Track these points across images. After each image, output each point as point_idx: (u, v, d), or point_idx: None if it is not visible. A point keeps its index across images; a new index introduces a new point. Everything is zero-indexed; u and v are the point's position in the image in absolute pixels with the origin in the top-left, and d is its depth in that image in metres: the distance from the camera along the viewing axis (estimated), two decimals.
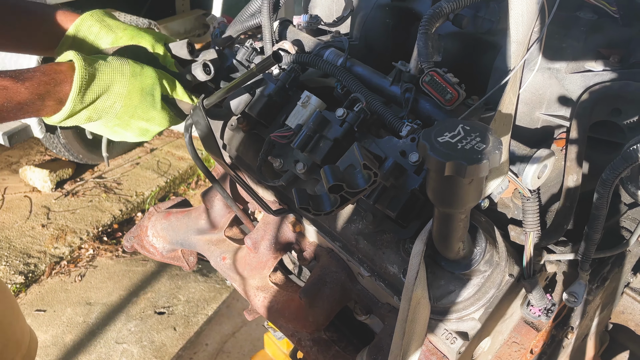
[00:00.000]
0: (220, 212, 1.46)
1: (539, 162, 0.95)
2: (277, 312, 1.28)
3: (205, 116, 1.14)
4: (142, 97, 1.07)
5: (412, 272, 0.86)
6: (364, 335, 1.34)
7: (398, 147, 0.97)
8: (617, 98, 0.97)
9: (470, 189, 0.68)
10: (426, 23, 0.98)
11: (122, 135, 1.12)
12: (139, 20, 4.50)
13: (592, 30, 1.03)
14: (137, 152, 4.59)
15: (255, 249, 1.31)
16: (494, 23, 1.10)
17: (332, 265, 1.19)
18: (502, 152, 0.66)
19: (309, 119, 1.05)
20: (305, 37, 1.27)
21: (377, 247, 1.04)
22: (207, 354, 2.83)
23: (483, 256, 0.92)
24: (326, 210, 0.86)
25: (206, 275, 3.37)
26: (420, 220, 0.97)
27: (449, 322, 0.99)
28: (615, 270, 1.27)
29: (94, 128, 1.09)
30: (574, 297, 1.08)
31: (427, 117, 1.04)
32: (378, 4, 1.31)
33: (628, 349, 1.61)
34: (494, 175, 0.92)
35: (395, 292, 1.04)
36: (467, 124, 0.68)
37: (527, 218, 1.01)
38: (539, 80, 1.04)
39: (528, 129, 1.08)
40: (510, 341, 1.16)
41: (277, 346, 1.95)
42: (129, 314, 3.08)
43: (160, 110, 1.12)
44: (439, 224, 0.80)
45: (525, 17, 0.96)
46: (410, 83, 1.05)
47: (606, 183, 0.91)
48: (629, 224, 1.22)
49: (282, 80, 1.14)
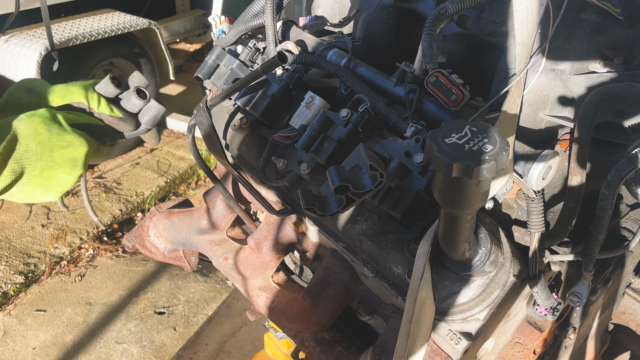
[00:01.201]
0: (222, 212, 1.46)
1: (543, 163, 0.95)
2: (279, 312, 1.28)
3: (209, 117, 1.14)
4: (49, 128, 1.03)
5: (418, 272, 0.86)
6: (367, 336, 1.34)
7: (403, 147, 0.97)
8: (620, 99, 0.97)
9: (477, 190, 0.68)
10: (431, 24, 0.98)
11: (55, 182, 1.05)
12: (139, 20, 4.49)
13: (596, 32, 1.03)
14: (137, 152, 4.58)
15: (257, 249, 1.31)
16: (498, 24, 1.10)
17: (336, 265, 1.19)
18: (509, 153, 0.66)
19: (313, 120, 1.05)
20: (308, 37, 1.27)
21: (382, 247, 1.04)
22: (207, 354, 2.83)
23: (488, 257, 0.92)
24: (332, 210, 0.86)
25: (206, 275, 3.37)
26: (425, 221, 0.97)
27: (453, 323, 0.99)
28: (617, 271, 1.28)
29: (22, 191, 1.02)
30: (577, 297, 1.08)
31: (432, 118, 1.05)
32: (381, 5, 1.31)
33: (629, 350, 1.62)
34: (499, 175, 0.92)
35: (400, 292, 1.04)
36: (473, 125, 0.68)
37: (531, 219, 1.01)
38: (543, 81, 1.04)
39: (532, 130, 1.08)
40: (513, 341, 1.16)
41: (277, 346, 1.95)
42: (129, 314, 3.08)
43: (73, 132, 1.07)
44: (445, 225, 0.80)
45: (529, 19, 0.96)
46: (415, 84, 1.05)
47: (611, 184, 0.91)
48: (631, 225, 1.23)
49: (285, 81, 1.14)
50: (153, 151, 4.62)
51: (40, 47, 3.38)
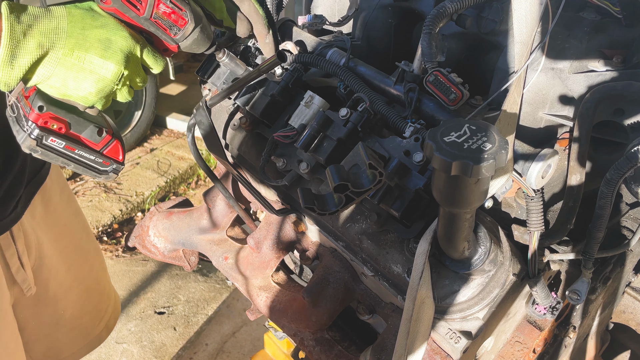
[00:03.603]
0: (222, 211, 1.46)
1: (543, 162, 0.95)
2: (279, 311, 1.28)
3: (209, 116, 1.14)
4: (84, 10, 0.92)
5: (417, 271, 0.87)
6: (367, 335, 1.34)
7: (402, 146, 0.97)
8: (620, 98, 0.97)
9: (476, 189, 0.68)
10: (430, 23, 0.98)
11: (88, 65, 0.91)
12: None
13: (595, 31, 1.03)
14: (137, 152, 4.58)
15: (257, 249, 1.31)
16: (498, 23, 1.11)
17: (335, 264, 1.19)
18: (508, 152, 0.66)
19: (313, 119, 1.05)
20: (307, 37, 1.27)
21: (381, 246, 1.04)
22: (207, 354, 2.83)
23: (487, 256, 0.92)
24: (331, 209, 0.86)
25: (206, 275, 3.37)
26: (424, 220, 0.97)
27: (452, 322, 0.99)
28: (617, 270, 1.28)
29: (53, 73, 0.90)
30: (576, 294, 1.08)
31: (431, 117, 1.05)
32: (381, 4, 1.32)
33: (629, 349, 1.61)
34: (498, 174, 0.92)
35: (399, 291, 1.04)
36: (473, 123, 0.69)
37: (531, 217, 1.01)
38: (542, 80, 1.05)
39: (531, 128, 1.08)
40: (513, 340, 1.16)
41: (277, 346, 1.95)
42: (129, 314, 3.08)
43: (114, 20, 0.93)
44: (444, 224, 0.80)
45: (528, 18, 0.96)
46: (414, 83, 1.05)
47: (610, 183, 0.91)
48: (630, 224, 1.23)
49: (285, 80, 1.14)
50: (153, 151, 4.63)
51: None
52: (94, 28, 0.91)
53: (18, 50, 0.85)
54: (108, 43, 0.91)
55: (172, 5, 0.93)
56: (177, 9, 0.94)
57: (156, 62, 0.99)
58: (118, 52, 0.91)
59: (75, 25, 0.90)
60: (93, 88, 0.93)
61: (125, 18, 0.93)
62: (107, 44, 0.91)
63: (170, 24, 0.95)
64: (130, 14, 0.93)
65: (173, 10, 0.94)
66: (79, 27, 0.90)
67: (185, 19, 0.95)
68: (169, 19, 0.94)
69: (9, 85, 0.87)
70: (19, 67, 0.86)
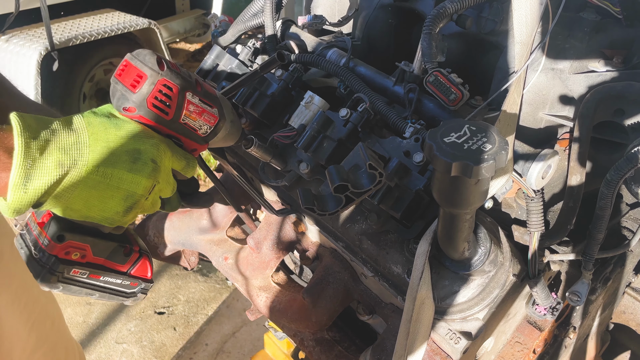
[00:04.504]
0: (222, 212, 1.46)
1: (543, 162, 0.95)
2: (279, 312, 1.28)
3: None
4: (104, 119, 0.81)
5: (417, 272, 0.86)
6: (366, 336, 1.34)
7: (402, 147, 0.97)
8: (620, 99, 0.97)
9: (476, 190, 0.68)
10: (430, 23, 0.98)
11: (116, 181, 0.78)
12: (138, 20, 4.49)
13: (595, 31, 1.03)
14: None
15: (257, 249, 1.31)
16: (498, 23, 1.11)
17: (335, 265, 1.19)
18: (508, 153, 0.66)
19: (313, 119, 1.05)
20: (307, 37, 1.27)
21: (381, 247, 1.04)
22: (207, 354, 2.83)
23: (487, 256, 0.92)
24: (331, 210, 0.86)
25: (206, 275, 3.37)
26: (424, 220, 0.97)
27: (452, 322, 0.99)
28: (617, 270, 1.28)
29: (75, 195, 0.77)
30: (576, 296, 1.08)
31: (431, 117, 1.05)
32: (381, 4, 1.32)
33: (629, 349, 1.61)
34: (498, 175, 0.92)
35: (399, 292, 1.04)
36: (472, 124, 0.69)
37: (531, 218, 1.01)
38: (542, 80, 1.05)
39: (531, 129, 1.08)
40: (513, 341, 1.16)
41: (277, 346, 1.95)
42: (129, 314, 3.08)
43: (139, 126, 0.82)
44: (445, 224, 0.80)
45: (529, 18, 0.96)
46: (414, 83, 1.05)
47: (611, 183, 0.91)
48: (630, 224, 1.23)
49: (285, 80, 1.14)
50: None
51: (40, 47, 3.38)
52: (120, 139, 0.79)
53: (33, 171, 0.71)
54: (137, 154, 0.79)
55: (202, 103, 0.84)
56: (207, 107, 0.84)
57: (188, 166, 0.87)
58: (149, 163, 0.79)
59: (99, 138, 0.77)
60: (121, 207, 0.80)
61: (151, 124, 0.82)
62: (136, 155, 0.79)
63: (200, 124, 0.85)
64: (157, 120, 0.82)
65: (203, 109, 0.84)
66: (102, 139, 0.78)
67: (216, 115, 0.86)
68: (200, 118, 0.84)
69: (19, 212, 0.73)
70: (33, 190, 0.71)
